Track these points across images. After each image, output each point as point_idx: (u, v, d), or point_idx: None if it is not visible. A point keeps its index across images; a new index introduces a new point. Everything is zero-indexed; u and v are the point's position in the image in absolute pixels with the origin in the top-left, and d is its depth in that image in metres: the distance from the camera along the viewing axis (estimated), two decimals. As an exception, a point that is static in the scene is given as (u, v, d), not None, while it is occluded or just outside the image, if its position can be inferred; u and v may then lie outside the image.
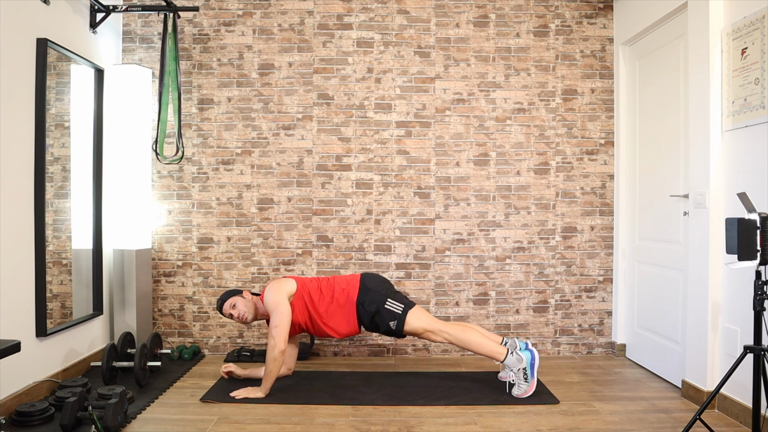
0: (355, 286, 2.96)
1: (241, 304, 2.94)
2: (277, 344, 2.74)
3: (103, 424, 2.27)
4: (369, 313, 2.92)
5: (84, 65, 3.17)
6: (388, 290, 2.97)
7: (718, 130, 2.68)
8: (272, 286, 2.90)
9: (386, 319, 2.89)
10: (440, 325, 2.91)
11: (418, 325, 2.89)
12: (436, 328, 2.89)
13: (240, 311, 2.91)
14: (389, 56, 3.67)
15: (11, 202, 2.55)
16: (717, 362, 2.67)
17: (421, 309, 2.98)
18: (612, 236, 3.71)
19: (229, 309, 2.93)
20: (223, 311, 2.96)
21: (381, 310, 2.90)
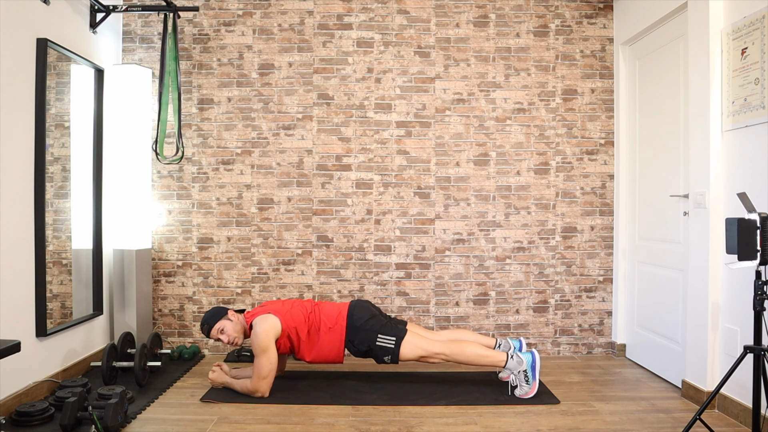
0: (342, 325, 2.89)
1: (230, 328, 2.87)
2: (262, 393, 2.78)
3: (103, 424, 2.27)
4: (360, 351, 2.90)
5: (84, 65, 3.17)
6: (377, 323, 2.89)
7: (718, 130, 2.68)
8: (262, 324, 2.77)
9: (380, 356, 2.87)
10: (435, 347, 2.84)
11: (413, 353, 2.84)
12: (431, 353, 2.84)
13: (230, 336, 2.85)
14: (389, 56, 3.67)
15: (11, 202, 2.55)
16: (717, 362, 2.67)
17: (414, 334, 2.90)
18: (612, 236, 3.71)
19: (217, 334, 2.86)
20: (210, 336, 2.88)
21: (373, 348, 2.86)
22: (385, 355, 2.85)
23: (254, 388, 2.76)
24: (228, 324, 2.87)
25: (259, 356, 2.74)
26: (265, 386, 2.77)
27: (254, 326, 2.79)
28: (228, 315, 2.92)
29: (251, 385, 2.77)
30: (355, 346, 2.89)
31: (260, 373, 2.75)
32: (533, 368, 2.81)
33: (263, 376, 2.75)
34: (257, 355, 2.75)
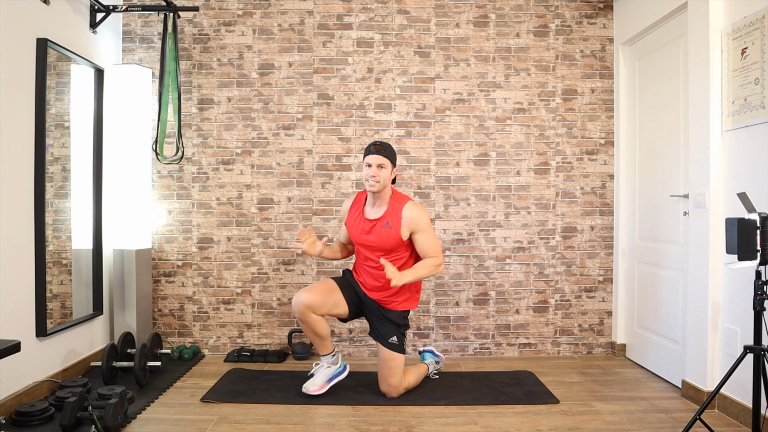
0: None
1: (388, 173, 2.70)
2: (442, 265, 2.76)
3: (103, 424, 2.27)
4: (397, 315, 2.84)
5: (84, 65, 3.17)
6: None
7: (718, 130, 2.68)
8: (423, 210, 2.75)
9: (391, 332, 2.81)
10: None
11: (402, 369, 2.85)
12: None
13: (383, 178, 2.68)
14: (389, 56, 3.67)
15: (11, 202, 2.55)
16: (717, 362, 2.67)
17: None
18: (612, 236, 3.71)
19: (377, 165, 2.67)
20: (372, 154, 2.68)
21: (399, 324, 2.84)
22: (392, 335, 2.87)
23: (440, 262, 2.73)
24: (389, 169, 2.71)
25: (432, 230, 2.76)
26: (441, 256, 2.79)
27: (414, 206, 2.72)
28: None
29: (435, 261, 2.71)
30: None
31: (436, 244, 2.75)
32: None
33: (438, 247, 2.75)
34: (430, 230, 2.74)
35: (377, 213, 2.76)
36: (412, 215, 2.69)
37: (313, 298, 2.71)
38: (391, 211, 2.72)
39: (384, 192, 2.74)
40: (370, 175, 2.66)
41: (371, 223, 2.75)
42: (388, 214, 2.72)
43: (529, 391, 2.92)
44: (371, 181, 2.66)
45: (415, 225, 2.70)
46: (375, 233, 2.74)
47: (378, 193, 2.73)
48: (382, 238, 2.73)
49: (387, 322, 2.82)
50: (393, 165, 2.73)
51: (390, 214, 2.72)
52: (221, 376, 3.15)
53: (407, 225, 2.70)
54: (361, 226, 2.78)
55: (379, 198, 2.75)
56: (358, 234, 2.79)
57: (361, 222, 2.79)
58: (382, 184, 2.67)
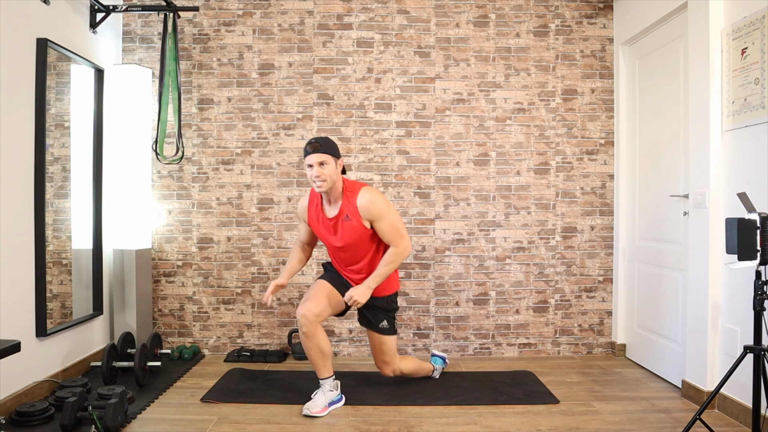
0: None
1: (332, 168, 2.55)
2: (408, 246, 2.66)
3: (103, 424, 2.27)
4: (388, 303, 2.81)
5: (84, 65, 3.17)
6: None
7: (718, 130, 2.68)
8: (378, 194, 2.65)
9: (381, 317, 2.79)
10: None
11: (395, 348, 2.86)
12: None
13: (327, 175, 2.53)
14: (389, 56, 3.67)
15: (11, 202, 2.55)
16: (717, 362, 2.67)
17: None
18: (612, 236, 3.71)
19: (318, 163, 2.52)
20: (310, 153, 2.53)
21: (388, 309, 2.81)
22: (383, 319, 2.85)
23: (404, 244, 2.64)
24: (333, 164, 2.56)
25: (390, 213, 2.62)
26: (408, 240, 2.67)
27: (367, 193, 2.60)
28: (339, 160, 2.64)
29: (398, 247, 2.62)
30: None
31: (399, 229, 2.64)
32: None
33: (403, 234, 2.64)
34: (388, 214, 2.61)
35: (335, 210, 2.66)
36: (365, 203, 2.58)
37: (317, 305, 2.62)
38: (347, 203, 2.62)
39: (335, 187, 2.60)
40: (315, 176, 2.53)
41: (332, 221, 2.66)
42: (344, 207, 2.62)
43: (529, 391, 2.92)
44: (317, 182, 2.53)
45: (371, 212, 2.59)
46: (339, 231, 2.65)
47: (329, 191, 2.60)
48: (347, 235, 2.64)
49: (375, 309, 2.78)
50: (336, 157, 2.57)
51: (347, 207, 2.62)
52: (221, 376, 3.15)
53: (364, 214, 2.59)
54: (325, 225, 2.70)
55: (332, 195, 2.63)
56: (324, 234, 2.72)
57: (323, 222, 2.70)
58: (329, 182, 2.54)
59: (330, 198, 2.64)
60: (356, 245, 2.67)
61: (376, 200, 2.59)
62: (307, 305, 2.60)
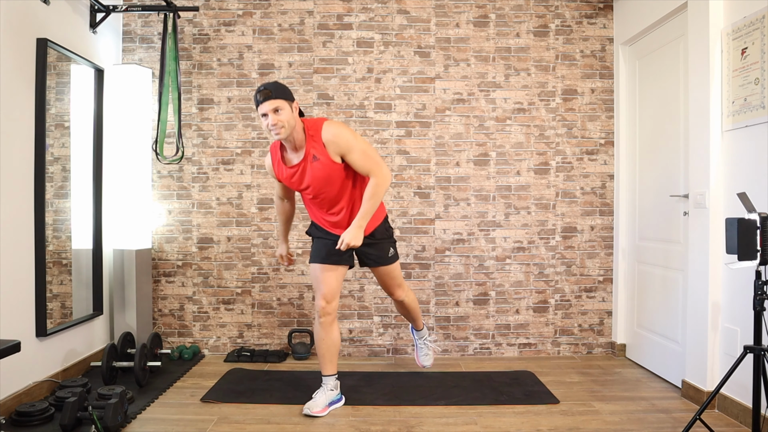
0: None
1: (288, 113, 2.38)
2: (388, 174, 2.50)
3: (103, 424, 2.27)
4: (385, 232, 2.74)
5: (84, 65, 3.17)
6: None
7: (718, 130, 2.68)
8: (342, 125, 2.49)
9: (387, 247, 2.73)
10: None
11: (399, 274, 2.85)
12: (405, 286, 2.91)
13: (284, 121, 2.36)
14: (389, 56, 3.67)
15: (11, 202, 2.55)
16: (717, 362, 2.67)
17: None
18: (612, 236, 3.71)
19: (271, 110, 2.36)
20: (262, 103, 2.37)
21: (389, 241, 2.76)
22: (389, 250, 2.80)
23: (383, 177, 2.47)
24: (288, 108, 2.39)
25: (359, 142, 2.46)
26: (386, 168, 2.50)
27: (330, 126, 2.44)
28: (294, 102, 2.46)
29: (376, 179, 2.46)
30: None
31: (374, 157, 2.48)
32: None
33: (378, 161, 2.48)
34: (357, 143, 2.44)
35: (301, 155, 2.48)
36: (331, 137, 2.42)
37: (331, 291, 2.61)
38: (312, 143, 2.44)
39: (295, 132, 2.42)
40: (271, 124, 2.35)
41: (299, 167, 2.48)
42: (310, 149, 2.45)
43: (529, 391, 2.92)
44: (275, 130, 2.36)
45: (339, 146, 2.43)
46: (309, 176, 2.47)
47: (290, 138, 2.43)
48: (318, 177, 2.46)
49: (377, 243, 2.69)
50: (290, 101, 2.40)
51: (313, 147, 2.44)
52: (221, 376, 3.15)
53: (332, 149, 2.43)
54: (294, 175, 2.51)
55: (294, 140, 2.45)
56: (297, 185, 2.55)
57: (291, 172, 2.51)
58: (288, 128, 2.37)
59: (294, 144, 2.46)
60: (331, 185, 2.50)
61: (341, 132, 2.44)
62: (320, 295, 2.61)
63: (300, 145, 2.46)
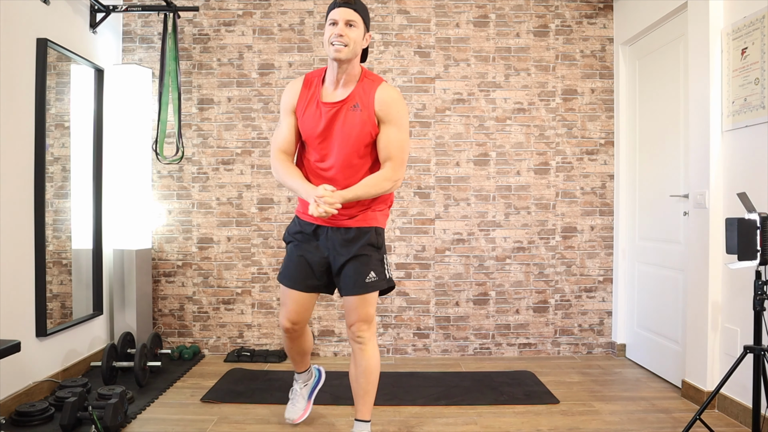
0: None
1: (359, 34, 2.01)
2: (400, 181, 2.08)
3: (103, 424, 2.27)
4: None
5: (84, 65, 3.17)
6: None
7: (718, 130, 2.68)
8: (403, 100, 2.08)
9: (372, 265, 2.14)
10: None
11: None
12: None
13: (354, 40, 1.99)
14: (389, 56, 3.67)
15: (11, 202, 2.55)
16: (717, 362, 2.67)
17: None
18: (612, 236, 3.71)
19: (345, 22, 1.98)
20: (336, 8, 1.99)
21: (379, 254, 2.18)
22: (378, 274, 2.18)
23: (395, 175, 2.05)
24: (362, 32, 2.02)
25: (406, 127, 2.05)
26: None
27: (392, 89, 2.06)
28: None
29: (388, 174, 2.04)
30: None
31: (405, 156, 2.07)
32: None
33: (405, 162, 2.08)
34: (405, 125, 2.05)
35: (343, 93, 2.04)
36: (387, 97, 2.02)
37: (298, 312, 2.21)
38: (361, 91, 2.03)
39: (353, 64, 2.03)
40: (336, 34, 1.95)
41: (333, 107, 2.03)
42: (357, 94, 2.03)
43: (529, 391, 2.92)
44: (337, 44, 1.95)
45: (389, 110, 2.01)
46: (339, 121, 2.03)
47: (345, 63, 2.00)
48: (348, 128, 2.02)
49: (362, 252, 2.11)
50: (366, 28, 2.03)
51: (360, 94, 2.03)
52: (221, 376, 3.16)
53: (380, 108, 2.02)
54: (319, 114, 2.05)
55: (346, 72, 2.03)
56: (313, 126, 2.06)
57: (318, 107, 2.06)
58: (351, 49, 1.97)
59: (340, 77, 2.04)
60: (350, 147, 2.04)
61: (400, 100, 2.05)
62: (289, 315, 2.21)
63: (347, 84, 2.04)
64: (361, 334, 2.17)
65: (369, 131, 2.03)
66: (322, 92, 2.07)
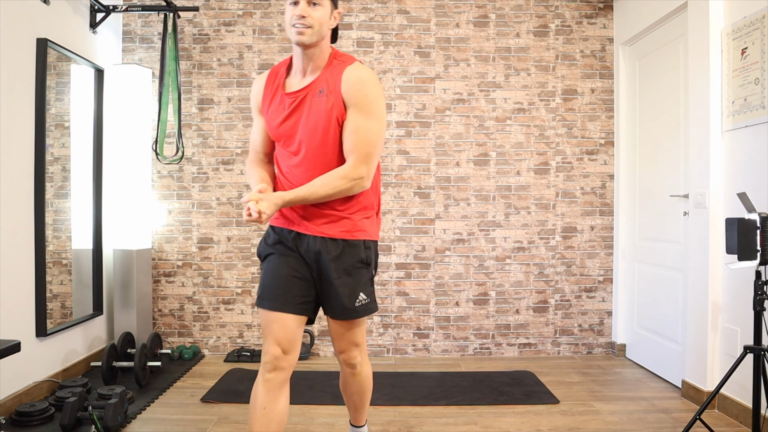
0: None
1: (326, 15, 1.71)
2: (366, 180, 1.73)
3: (103, 424, 2.27)
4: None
5: (84, 65, 3.17)
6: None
7: (718, 130, 2.68)
8: (376, 79, 1.77)
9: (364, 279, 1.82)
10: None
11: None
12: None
13: (319, 20, 1.68)
14: (389, 56, 3.67)
15: (11, 202, 2.55)
16: (717, 362, 2.67)
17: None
18: (612, 236, 3.71)
19: (307, 1, 1.67)
20: None
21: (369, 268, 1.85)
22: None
23: (357, 175, 1.70)
24: (327, 10, 1.71)
25: (379, 114, 1.73)
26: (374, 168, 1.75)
27: (363, 69, 1.74)
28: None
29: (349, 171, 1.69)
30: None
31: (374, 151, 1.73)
32: None
33: (375, 159, 1.74)
34: (376, 111, 1.72)
35: (308, 79, 1.75)
36: (354, 78, 1.71)
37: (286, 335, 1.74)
38: (330, 74, 1.73)
39: (320, 47, 1.73)
40: (297, 15, 1.66)
41: (297, 96, 1.74)
42: (324, 78, 1.73)
43: (529, 391, 2.92)
44: (299, 25, 1.66)
45: (355, 93, 1.70)
46: (304, 111, 1.73)
47: (311, 48, 1.70)
48: (314, 117, 1.71)
49: (351, 271, 1.78)
50: (333, 4, 1.75)
51: (327, 78, 1.73)
52: (221, 376, 3.16)
53: (347, 89, 1.70)
54: (282, 107, 1.77)
55: (312, 57, 1.73)
56: (278, 121, 1.77)
57: (281, 103, 1.77)
58: (316, 31, 1.67)
59: (307, 63, 1.74)
60: (318, 140, 1.73)
61: (371, 82, 1.72)
62: (278, 339, 1.74)
63: (315, 70, 1.75)
64: (353, 361, 1.91)
65: (336, 118, 1.71)
66: (286, 83, 1.80)
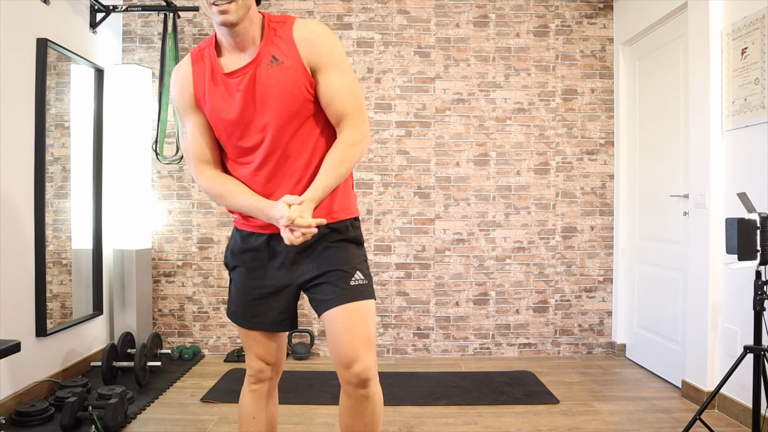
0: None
1: None
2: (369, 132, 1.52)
3: (103, 424, 2.27)
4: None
5: (84, 65, 3.17)
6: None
7: (718, 130, 2.68)
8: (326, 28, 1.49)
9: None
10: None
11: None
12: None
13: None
14: (389, 56, 3.67)
15: (11, 202, 2.55)
16: (717, 362, 2.67)
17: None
18: (612, 236, 3.71)
19: None
20: None
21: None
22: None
23: (363, 133, 1.48)
24: None
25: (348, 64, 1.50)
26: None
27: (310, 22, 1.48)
28: None
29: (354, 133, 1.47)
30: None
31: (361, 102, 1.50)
32: None
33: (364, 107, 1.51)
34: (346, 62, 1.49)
35: (248, 56, 1.45)
36: (309, 34, 1.45)
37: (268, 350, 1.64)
38: (273, 40, 1.45)
39: (250, 18, 1.43)
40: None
41: (244, 73, 1.44)
42: (267, 46, 1.44)
43: (529, 391, 2.92)
44: (220, 2, 1.36)
45: (319, 51, 1.44)
46: (259, 88, 1.44)
47: (237, 26, 1.40)
48: (276, 91, 1.43)
49: (336, 250, 1.53)
50: None
51: (275, 45, 1.44)
52: (221, 376, 3.16)
53: (308, 50, 1.43)
54: (227, 91, 1.46)
55: (245, 31, 1.43)
56: (225, 108, 1.46)
57: (224, 86, 1.47)
58: (241, 4, 1.38)
59: (239, 40, 1.44)
60: (286, 117, 1.44)
61: (328, 34, 1.47)
62: (260, 353, 1.64)
63: (250, 44, 1.45)
64: (366, 374, 1.52)
65: (304, 85, 1.44)
66: (221, 63, 1.48)
